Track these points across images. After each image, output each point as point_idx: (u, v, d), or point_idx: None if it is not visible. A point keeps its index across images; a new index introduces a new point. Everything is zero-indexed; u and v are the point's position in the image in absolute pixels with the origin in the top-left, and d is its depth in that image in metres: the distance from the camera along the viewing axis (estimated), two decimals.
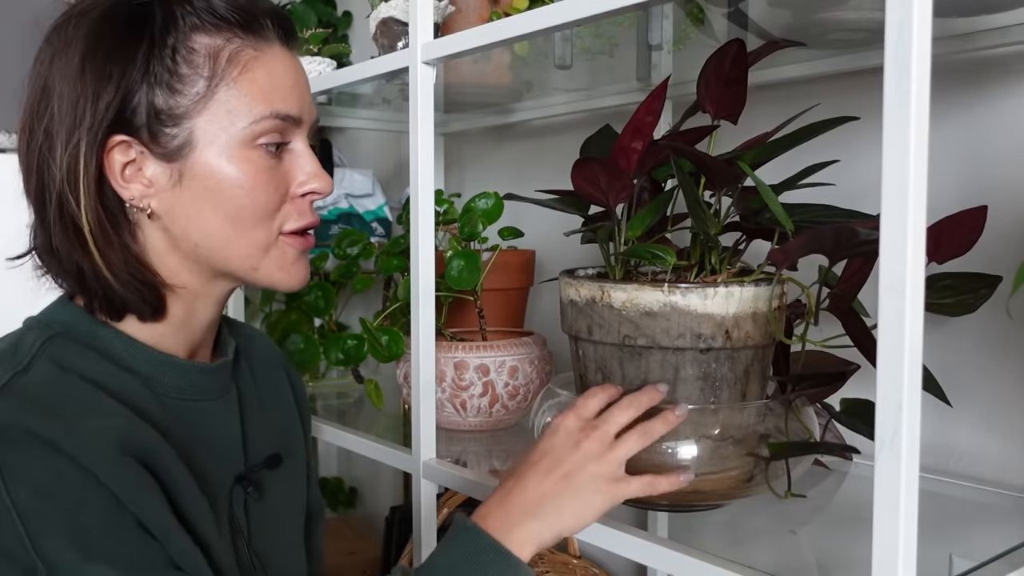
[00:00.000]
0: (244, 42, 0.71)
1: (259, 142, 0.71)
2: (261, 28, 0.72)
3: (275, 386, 0.92)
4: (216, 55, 0.70)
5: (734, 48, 0.79)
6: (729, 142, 0.86)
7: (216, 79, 0.69)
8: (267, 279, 0.75)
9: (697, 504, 0.80)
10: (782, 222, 0.72)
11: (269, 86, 0.71)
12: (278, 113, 0.72)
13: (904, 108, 0.53)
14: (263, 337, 0.98)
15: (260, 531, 0.79)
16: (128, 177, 0.70)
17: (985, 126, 0.94)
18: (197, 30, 0.70)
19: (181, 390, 0.74)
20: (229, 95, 0.70)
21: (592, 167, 0.80)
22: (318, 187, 0.76)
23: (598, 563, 1.41)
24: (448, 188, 1.69)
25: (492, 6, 1.16)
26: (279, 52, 0.74)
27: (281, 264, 0.75)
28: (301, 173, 0.75)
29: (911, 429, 0.54)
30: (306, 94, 0.76)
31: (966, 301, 0.78)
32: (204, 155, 0.70)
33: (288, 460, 0.86)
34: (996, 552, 0.72)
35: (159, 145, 0.69)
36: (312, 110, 0.78)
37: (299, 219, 0.75)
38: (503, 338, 1.17)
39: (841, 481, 0.96)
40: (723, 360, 0.76)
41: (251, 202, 0.71)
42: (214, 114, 0.70)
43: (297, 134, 0.75)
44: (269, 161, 0.72)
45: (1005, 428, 0.93)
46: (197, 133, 0.69)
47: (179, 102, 0.69)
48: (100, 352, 0.71)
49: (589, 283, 0.79)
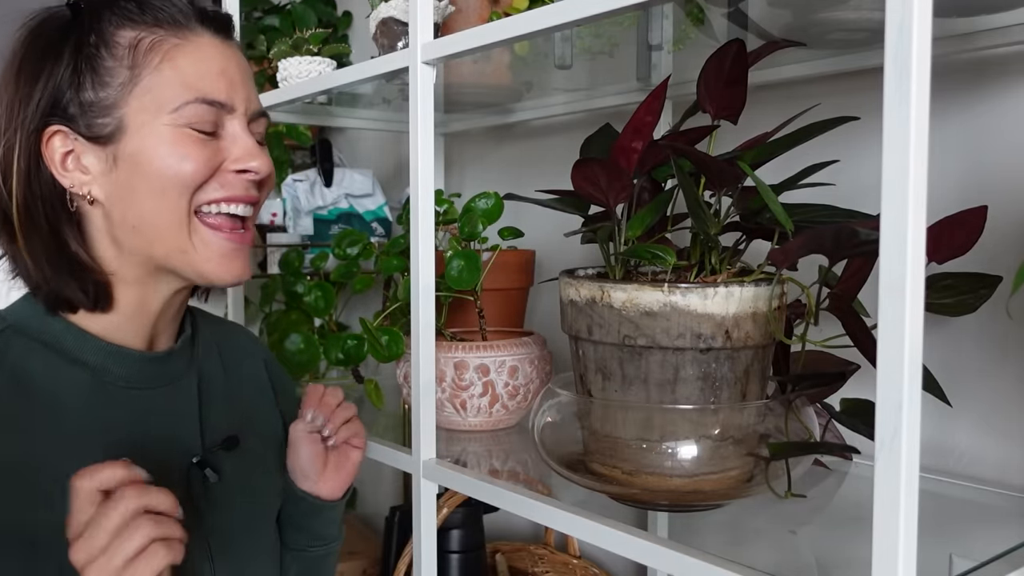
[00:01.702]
0: (167, 31, 0.74)
1: (188, 125, 0.73)
2: (187, 20, 0.75)
3: (251, 377, 0.94)
4: (136, 45, 0.73)
5: (734, 48, 0.79)
6: (729, 142, 0.86)
7: (138, 68, 0.73)
8: (196, 270, 0.76)
9: (697, 504, 0.80)
10: (782, 222, 0.72)
11: (193, 71, 0.74)
12: (203, 98, 0.74)
13: (904, 108, 0.52)
14: (243, 332, 1.00)
15: (219, 512, 0.81)
16: (68, 166, 0.74)
17: (985, 126, 0.94)
18: (120, 26, 0.74)
19: (130, 379, 0.77)
20: (153, 82, 0.73)
21: (592, 167, 0.80)
22: (253, 165, 0.77)
23: (598, 563, 1.41)
24: (448, 188, 1.69)
25: (492, 6, 1.16)
26: (207, 42, 0.76)
27: (208, 256, 0.76)
28: (237, 151, 0.76)
29: (911, 429, 0.54)
30: (239, 84, 0.77)
31: (966, 301, 0.78)
32: (135, 137, 0.73)
33: (261, 447, 0.89)
34: (996, 552, 0.72)
35: (92, 133, 0.73)
36: (250, 100, 0.78)
37: (222, 189, 0.76)
38: (503, 338, 1.17)
39: (841, 481, 0.96)
40: (723, 360, 0.76)
41: (178, 170, 0.73)
42: (140, 101, 0.73)
43: (231, 120, 0.76)
44: (200, 139, 0.74)
45: (1005, 428, 0.93)
46: (127, 120, 0.73)
47: (108, 93, 0.73)
48: (49, 346, 0.75)
49: (589, 283, 0.79)
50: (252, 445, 0.88)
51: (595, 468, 0.82)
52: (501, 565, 1.44)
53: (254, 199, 0.79)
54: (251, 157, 0.77)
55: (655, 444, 0.75)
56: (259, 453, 0.90)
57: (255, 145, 0.77)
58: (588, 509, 0.82)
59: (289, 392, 1.01)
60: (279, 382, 0.99)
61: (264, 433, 0.92)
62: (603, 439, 0.80)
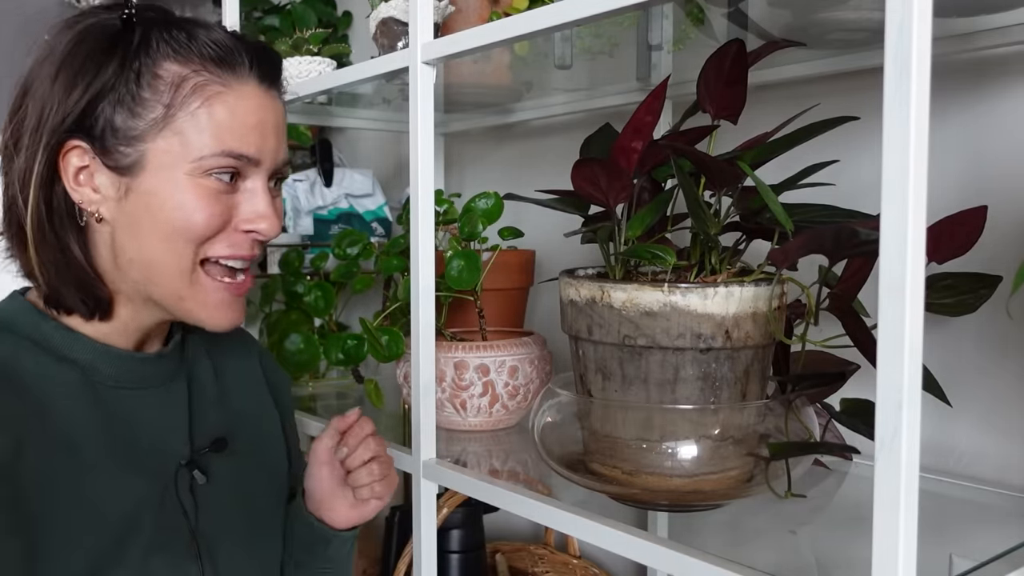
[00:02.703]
0: (212, 76, 0.72)
1: (209, 173, 0.72)
2: (235, 64, 0.73)
3: (244, 376, 0.94)
4: (179, 84, 0.71)
5: (734, 48, 0.79)
6: (729, 142, 0.86)
7: (175, 108, 0.71)
8: (192, 314, 0.76)
9: (697, 504, 0.80)
10: (782, 222, 0.72)
11: (228, 123, 0.72)
12: (231, 152, 0.72)
13: (904, 108, 0.52)
14: (243, 334, 0.99)
15: (208, 514, 0.81)
16: (81, 181, 0.73)
17: (985, 126, 0.94)
18: (168, 57, 0.72)
19: (119, 379, 0.77)
20: (185, 126, 0.71)
21: (592, 167, 0.80)
22: (262, 228, 0.76)
23: (598, 563, 1.41)
24: (448, 188, 1.69)
25: (492, 6, 1.16)
26: (251, 91, 0.74)
27: (205, 303, 0.75)
28: (250, 210, 0.75)
29: (911, 429, 0.54)
30: (271, 136, 0.76)
31: (966, 301, 0.78)
32: (152, 177, 0.72)
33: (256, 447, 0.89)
34: (996, 552, 0.72)
35: (111, 159, 0.72)
36: (278, 153, 0.77)
37: (229, 247, 0.75)
38: (503, 338, 1.17)
39: (841, 481, 0.96)
40: (723, 360, 0.76)
41: (188, 222, 0.72)
42: (168, 142, 0.71)
43: (254, 173, 0.76)
44: (217, 192, 0.73)
45: (1005, 428, 0.93)
46: (149, 156, 0.71)
47: (136, 124, 0.71)
48: (39, 344, 0.74)
49: (589, 283, 0.79)
50: (245, 447, 0.88)
51: (595, 468, 0.82)
52: (501, 565, 1.44)
53: (255, 258, 0.78)
54: (261, 219, 0.76)
55: (655, 444, 0.75)
56: (253, 454, 0.89)
57: (269, 205, 0.76)
58: (588, 509, 0.82)
59: (284, 386, 1.00)
60: (274, 376, 0.99)
61: (260, 432, 0.92)
62: (603, 439, 0.80)
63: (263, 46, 0.77)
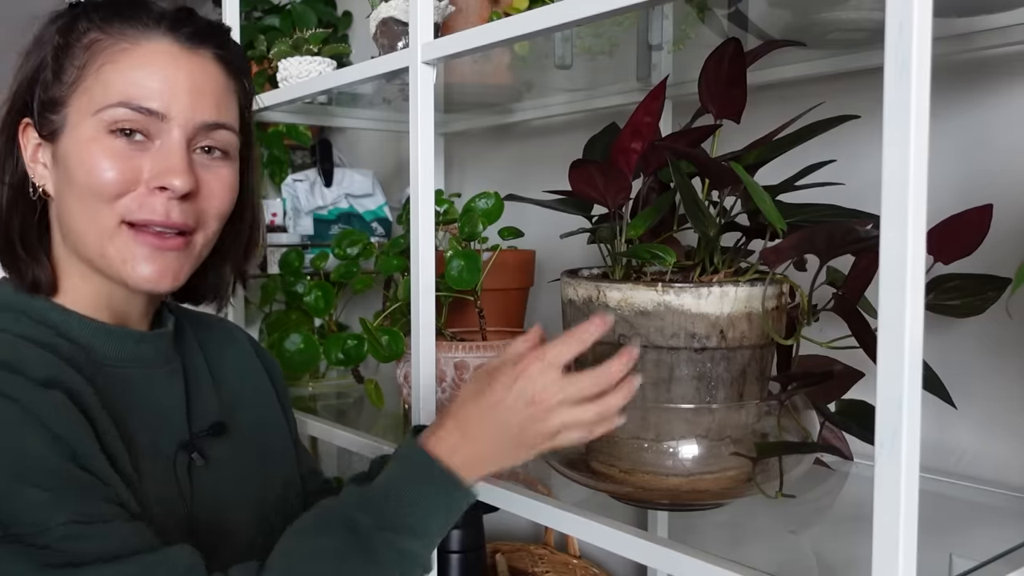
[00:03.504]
0: (122, 36, 0.75)
1: (112, 128, 0.73)
2: (146, 23, 0.75)
3: (238, 365, 0.94)
4: (90, 46, 0.74)
5: (731, 48, 0.79)
6: (733, 141, 0.86)
7: (86, 68, 0.74)
8: (114, 271, 0.75)
9: (697, 504, 0.81)
10: (773, 222, 0.72)
11: (131, 76, 0.73)
12: (129, 103, 0.73)
13: (904, 108, 0.52)
14: (222, 321, 1.00)
15: (206, 496, 0.81)
16: (37, 158, 0.77)
17: (985, 126, 0.94)
18: (88, 30, 0.75)
19: (118, 358, 0.78)
20: (93, 83, 0.74)
21: (589, 169, 0.80)
22: (173, 184, 0.73)
23: (598, 563, 1.41)
24: (448, 188, 1.69)
25: (492, 6, 1.15)
26: (162, 48, 0.75)
27: (124, 257, 0.74)
28: (157, 166, 0.73)
29: (911, 429, 0.54)
30: (183, 94, 0.74)
31: (973, 303, 0.78)
32: (68, 138, 0.74)
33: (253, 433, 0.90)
34: (996, 552, 0.72)
35: (44, 129, 0.76)
36: (194, 112, 0.75)
37: (140, 211, 0.73)
38: (503, 338, 1.17)
39: (842, 481, 0.96)
40: (718, 360, 0.76)
41: (91, 181, 0.73)
42: (79, 100, 0.74)
43: (165, 130, 0.74)
44: (123, 148, 0.73)
45: (1005, 428, 0.93)
46: (68, 118, 0.75)
47: (60, 91, 0.75)
48: (36, 319, 0.75)
49: (586, 283, 0.79)
50: (244, 431, 0.88)
51: (594, 467, 0.82)
52: (501, 565, 1.44)
53: (177, 225, 0.74)
54: (170, 173, 0.73)
55: (651, 443, 0.75)
56: (254, 438, 0.90)
57: (182, 160, 0.74)
58: (588, 509, 0.82)
59: (277, 370, 1.00)
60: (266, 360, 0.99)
61: (258, 416, 0.92)
62: (601, 437, 0.80)
63: (189, 11, 0.78)
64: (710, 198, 0.85)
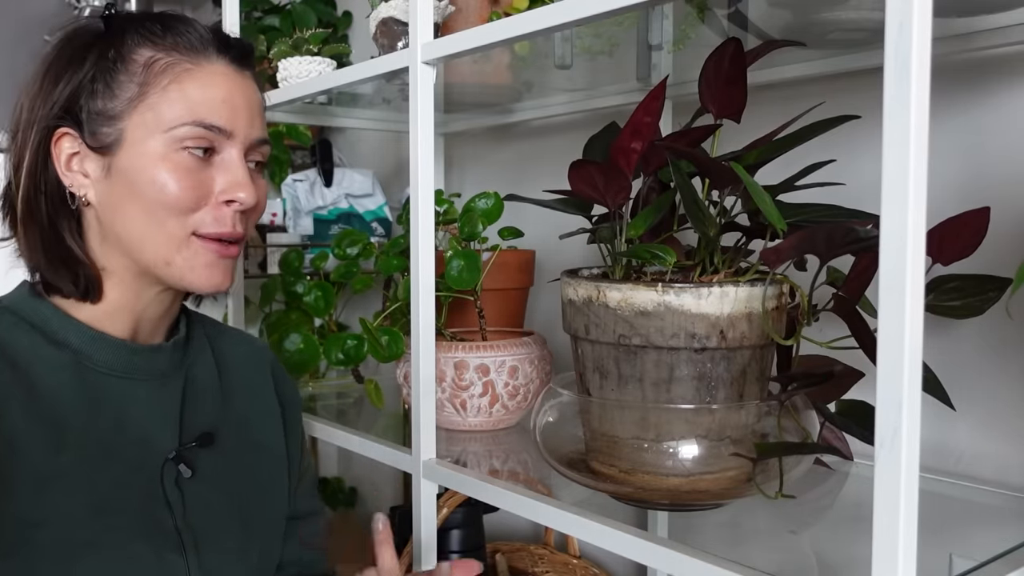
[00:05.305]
0: (181, 56, 0.78)
1: (183, 146, 0.76)
2: (201, 46, 0.79)
3: (251, 387, 0.94)
4: (151, 64, 0.77)
5: (731, 48, 0.79)
6: (733, 141, 0.86)
7: (148, 86, 0.76)
8: (178, 278, 0.79)
9: (697, 504, 0.80)
10: (773, 222, 0.72)
11: (198, 96, 0.77)
12: (201, 122, 0.77)
13: (904, 108, 0.52)
14: (249, 341, 1.00)
15: (194, 509, 0.82)
16: (72, 167, 0.78)
17: (985, 126, 0.94)
18: (140, 44, 0.78)
19: (111, 366, 0.80)
20: (158, 100, 0.76)
21: (588, 169, 0.80)
22: (240, 196, 0.79)
23: (598, 563, 1.41)
24: (448, 188, 1.69)
25: (492, 6, 1.16)
26: (220, 70, 0.79)
27: (192, 265, 0.79)
28: (226, 180, 0.79)
29: (911, 429, 0.54)
30: (243, 112, 0.80)
31: (972, 303, 0.77)
32: (130, 152, 0.76)
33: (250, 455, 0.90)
34: (996, 552, 0.72)
35: (95, 140, 0.77)
36: (251, 129, 0.81)
37: (214, 224, 0.79)
38: (503, 338, 1.17)
39: (842, 481, 0.96)
40: (718, 360, 0.76)
41: (164, 197, 0.76)
42: (143, 116, 0.76)
43: (228, 147, 0.79)
44: (193, 163, 0.77)
45: (1005, 428, 0.93)
46: (126, 133, 0.76)
47: (115, 105, 0.77)
48: (35, 326, 0.78)
49: (586, 283, 0.79)
50: (236, 448, 0.88)
51: (595, 467, 0.82)
52: (501, 565, 1.44)
53: (239, 236, 0.81)
54: (239, 188, 0.79)
55: (651, 443, 0.75)
56: (243, 457, 0.89)
57: (246, 175, 0.79)
58: (588, 509, 0.82)
59: (296, 403, 1.00)
60: (285, 388, 0.98)
61: (255, 439, 0.92)
62: (601, 438, 0.80)
63: (232, 35, 0.83)
64: (710, 198, 0.85)
